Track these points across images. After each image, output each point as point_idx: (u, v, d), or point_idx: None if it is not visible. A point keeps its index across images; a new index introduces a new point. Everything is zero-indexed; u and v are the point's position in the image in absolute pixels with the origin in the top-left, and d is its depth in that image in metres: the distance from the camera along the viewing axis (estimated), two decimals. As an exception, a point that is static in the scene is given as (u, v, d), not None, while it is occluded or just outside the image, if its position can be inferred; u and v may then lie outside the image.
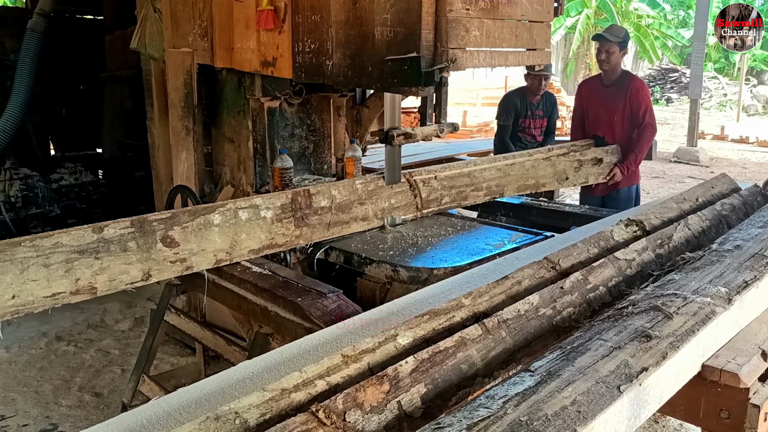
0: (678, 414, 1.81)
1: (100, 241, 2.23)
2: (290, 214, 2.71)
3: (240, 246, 2.58)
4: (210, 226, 2.48)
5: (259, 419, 1.26)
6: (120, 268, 2.27)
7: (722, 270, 2.02)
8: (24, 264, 2.07)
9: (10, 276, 2.04)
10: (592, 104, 4.36)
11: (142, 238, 2.32)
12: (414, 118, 10.65)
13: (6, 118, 5.05)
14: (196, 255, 2.45)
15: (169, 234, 2.37)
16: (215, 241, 2.50)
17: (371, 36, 2.47)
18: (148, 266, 2.34)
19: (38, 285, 2.09)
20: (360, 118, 3.89)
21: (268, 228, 2.65)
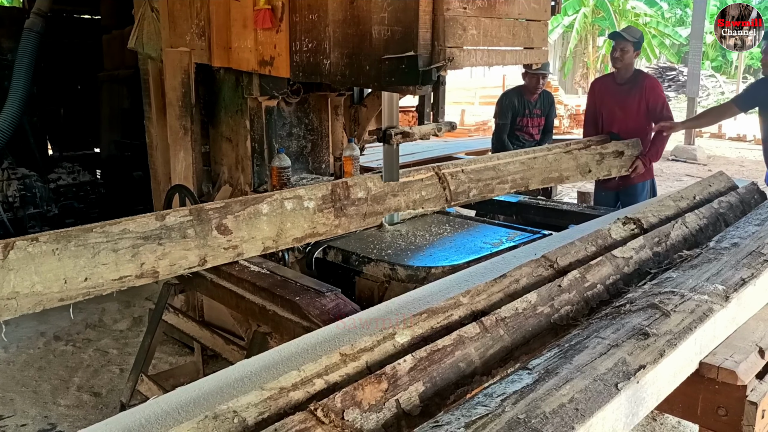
0: (676, 411, 1.81)
1: (163, 228, 2.37)
2: (330, 204, 2.86)
3: (285, 234, 2.72)
4: (259, 215, 2.62)
5: (258, 418, 1.26)
6: (180, 253, 2.40)
7: (720, 268, 2.02)
8: (95, 249, 2.20)
9: (83, 260, 2.17)
10: (605, 102, 4.42)
11: (199, 225, 2.46)
12: (412, 117, 10.65)
13: (3, 117, 5.04)
14: (247, 242, 2.59)
15: (223, 222, 2.52)
16: (263, 230, 2.63)
17: (369, 35, 2.47)
18: (204, 252, 2.48)
19: (107, 268, 2.23)
20: (358, 117, 3.89)
21: (311, 217, 2.80)
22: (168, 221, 2.39)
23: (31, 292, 2.09)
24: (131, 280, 2.29)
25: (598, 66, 26.18)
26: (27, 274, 2.07)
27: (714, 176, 3.14)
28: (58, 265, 2.13)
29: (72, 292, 2.18)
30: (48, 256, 2.12)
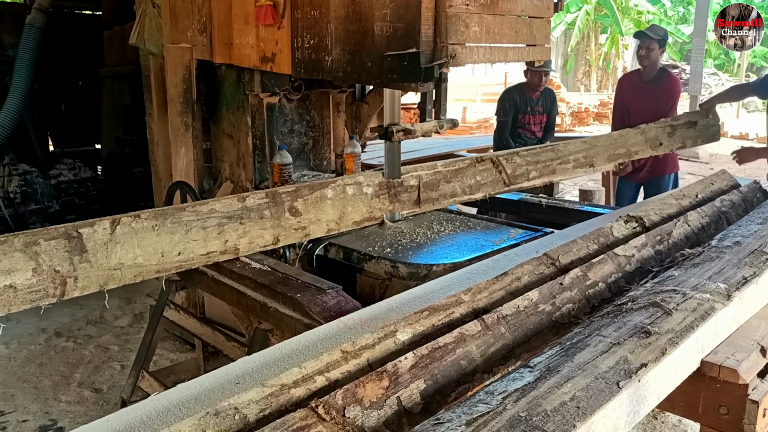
0: (677, 410, 1.81)
1: (244, 209, 2.53)
2: (385, 191, 3.01)
3: (346, 218, 2.87)
4: (324, 199, 2.78)
5: (259, 415, 1.26)
6: (257, 232, 2.57)
7: (722, 266, 2.02)
8: (188, 226, 2.39)
9: (177, 236, 2.36)
10: (631, 99, 4.60)
11: (274, 207, 2.61)
12: (413, 114, 10.64)
13: (5, 113, 5.05)
14: (314, 224, 2.74)
15: (294, 205, 2.67)
16: (328, 212, 2.79)
17: (371, 31, 2.47)
18: (278, 232, 2.64)
19: (197, 244, 2.42)
20: (359, 114, 3.89)
21: (369, 202, 2.96)
22: (248, 203, 2.55)
23: (134, 264, 2.28)
24: (216, 255, 2.48)
25: (600, 63, 26.15)
26: (131, 247, 2.26)
27: (716, 174, 3.14)
28: (156, 240, 2.31)
29: (167, 265, 2.36)
30: (148, 232, 2.30)
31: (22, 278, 2.03)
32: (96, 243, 2.19)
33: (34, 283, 2.07)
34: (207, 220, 2.45)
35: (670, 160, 4.59)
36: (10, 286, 2.01)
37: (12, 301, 2.05)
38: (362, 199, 2.91)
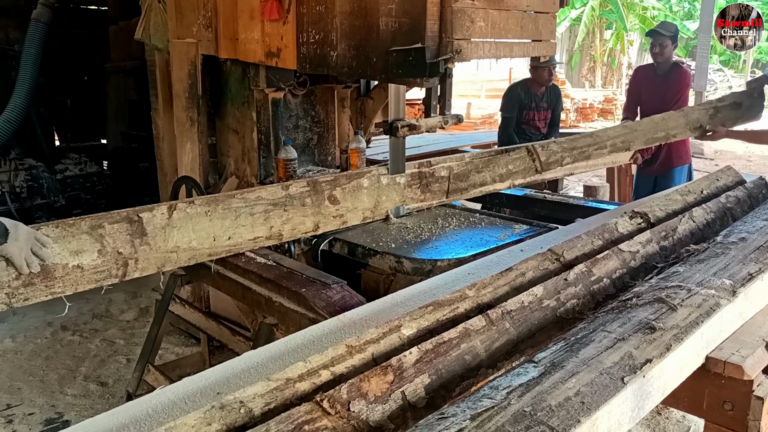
0: (681, 406, 1.81)
1: (287, 197, 2.65)
2: (417, 181, 3.12)
3: (381, 206, 3.00)
4: (361, 188, 2.90)
5: (264, 408, 1.27)
6: (300, 219, 2.70)
7: (727, 262, 2.01)
8: (237, 212, 2.51)
9: (228, 221, 2.49)
10: (644, 91, 4.81)
11: (315, 195, 2.73)
12: (418, 109, 10.64)
13: (11, 108, 5.06)
14: (351, 212, 2.86)
15: (333, 193, 2.79)
16: (364, 201, 2.92)
17: (376, 27, 2.47)
18: (318, 219, 2.76)
19: (246, 229, 2.54)
20: (364, 110, 3.89)
21: (401, 192, 3.07)
22: (291, 191, 2.67)
23: (188, 247, 2.40)
24: (262, 240, 2.60)
25: (605, 59, 26.06)
26: (186, 231, 2.38)
27: (721, 171, 3.13)
28: (209, 225, 2.44)
29: (218, 249, 2.49)
30: (201, 217, 2.42)
31: (88, 259, 2.14)
32: (155, 227, 2.30)
33: (99, 264, 2.18)
34: (254, 206, 2.56)
35: (683, 152, 4.73)
36: (78, 266, 2.12)
37: (79, 281, 2.15)
38: (396, 189, 3.04)
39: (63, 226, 2.11)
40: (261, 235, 2.59)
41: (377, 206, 2.98)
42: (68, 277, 2.10)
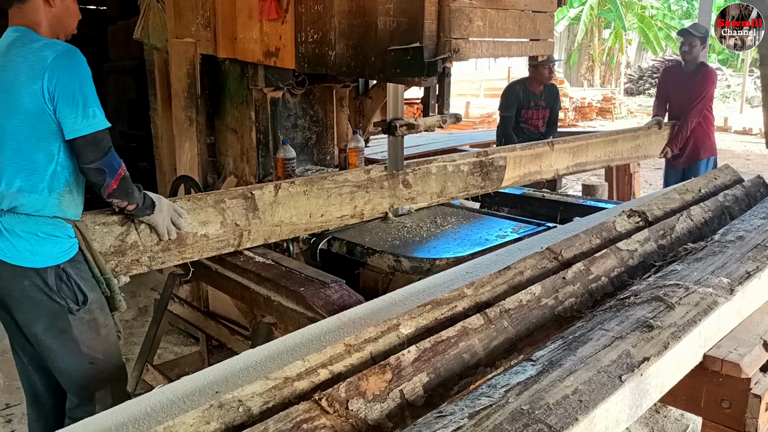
0: (679, 404, 1.82)
1: (369, 180, 2.98)
2: (478, 169, 3.47)
3: (447, 191, 3.34)
4: (429, 174, 3.24)
5: (263, 407, 1.27)
6: (378, 200, 3.03)
7: (724, 260, 2.02)
8: (329, 192, 2.83)
9: (321, 200, 2.81)
10: (671, 89, 5.12)
11: (391, 179, 3.07)
12: (417, 108, 10.63)
13: None
14: (420, 195, 3.21)
15: (406, 178, 3.13)
16: (432, 186, 3.26)
17: (374, 26, 2.47)
18: (393, 201, 3.09)
19: (335, 208, 2.87)
20: (363, 109, 3.88)
21: (464, 179, 3.41)
22: (372, 175, 2.99)
23: (289, 222, 2.71)
24: (347, 218, 2.92)
25: (603, 59, 26.06)
26: (288, 207, 2.70)
27: (719, 169, 3.13)
28: (306, 203, 2.76)
29: (312, 225, 2.80)
30: (300, 196, 2.74)
31: (213, 229, 2.45)
32: (264, 203, 2.61)
33: (221, 234, 2.48)
34: (342, 187, 2.87)
35: (708, 145, 5.05)
36: (205, 235, 2.43)
37: (204, 248, 2.45)
38: (459, 176, 3.37)
39: (193, 200, 2.44)
40: (347, 213, 2.91)
41: (443, 191, 3.32)
42: (197, 244, 2.41)
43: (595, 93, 19.21)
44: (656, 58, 25.45)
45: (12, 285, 1.96)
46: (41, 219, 1.94)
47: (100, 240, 2.15)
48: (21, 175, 1.92)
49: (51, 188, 1.95)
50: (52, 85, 1.87)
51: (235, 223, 2.51)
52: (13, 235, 1.93)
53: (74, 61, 1.93)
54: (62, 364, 2.07)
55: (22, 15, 1.98)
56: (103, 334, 2.11)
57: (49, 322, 2.00)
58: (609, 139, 4.64)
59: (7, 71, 1.90)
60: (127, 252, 2.22)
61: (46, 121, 1.90)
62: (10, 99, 1.89)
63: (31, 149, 1.91)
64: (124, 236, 2.20)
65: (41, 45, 1.91)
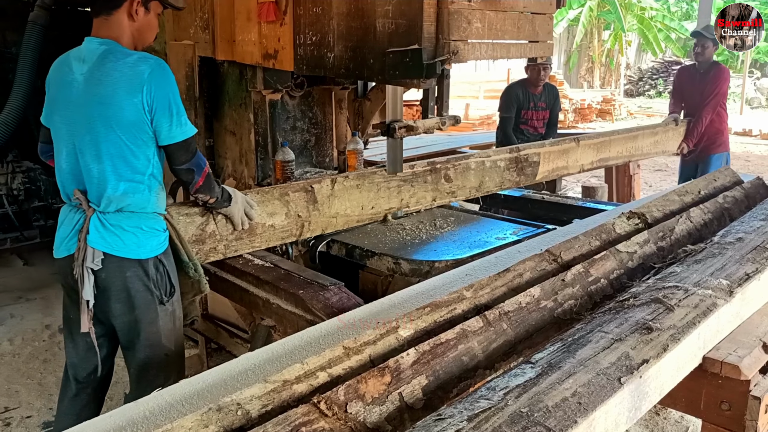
0: (679, 406, 1.81)
1: (413, 174, 3.18)
2: (514, 164, 3.68)
3: (484, 185, 3.54)
4: (469, 169, 3.43)
5: (261, 410, 1.27)
6: (422, 194, 3.24)
7: (724, 262, 2.02)
8: (378, 186, 3.04)
9: (371, 193, 3.02)
10: (686, 87, 5.36)
11: (433, 174, 3.28)
12: (416, 110, 10.63)
13: (8, 111, 5.04)
14: (460, 189, 3.41)
15: (447, 173, 3.33)
16: (471, 180, 3.46)
17: (373, 28, 2.47)
18: (435, 194, 3.30)
19: (384, 200, 3.07)
20: (362, 111, 3.88)
21: (501, 174, 3.61)
22: (416, 169, 3.18)
23: (344, 214, 2.90)
24: (393, 210, 3.13)
25: (603, 60, 26.08)
26: (343, 200, 2.90)
27: (719, 171, 3.14)
28: (359, 196, 2.96)
29: (363, 216, 3.01)
30: (354, 189, 2.93)
31: (278, 220, 2.65)
32: (323, 196, 2.81)
33: (285, 225, 2.68)
34: (390, 182, 3.08)
35: (721, 141, 5.25)
36: (272, 225, 2.63)
37: (270, 238, 2.65)
38: (496, 171, 3.57)
39: (261, 192, 2.63)
40: (393, 206, 3.12)
41: (481, 185, 3.51)
42: (265, 234, 2.61)
43: (595, 94, 19.23)
44: (656, 60, 25.49)
45: (115, 276, 2.10)
46: (143, 215, 2.12)
47: (184, 229, 2.35)
48: (124, 179, 2.07)
49: (150, 188, 2.12)
50: (150, 98, 2.02)
51: (298, 214, 2.71)
52: (119, 229, 2.08)
53: (166, 73, 2.09)
54: (142, 354, 2.19)
55: (108, 27, 2.12)
56: (177, 325, 2.27)
57: (142, 313, 2.15)
58: (630, 136, 4.82)
59: (105, 85, 2.02)
60: (206, 241, 2.44)
61: (144, 129, 2.05)
62: (111, 111, 2.02)
63: (133, 156, 2.06)
64: (204, 226, 2.42)
65: (135, 59, 2.05)
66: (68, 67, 2.14)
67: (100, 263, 2.07)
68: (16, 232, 5.58)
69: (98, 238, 2.06)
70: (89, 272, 2.07)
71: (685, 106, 5.37)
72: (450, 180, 3.32)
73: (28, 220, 5.66)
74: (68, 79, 2.11)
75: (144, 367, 2.21)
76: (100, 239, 2.06)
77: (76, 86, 2.08)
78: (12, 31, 5.71)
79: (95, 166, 2.06)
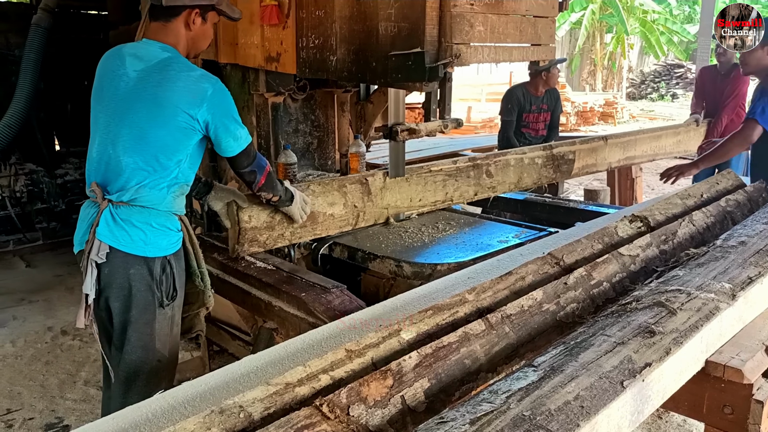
0: (681, 410, 1.81)
1: (457, 170, 3.37)
2: (551, 162, 3.88)
3: (523, 181, 3.72)
4: (508, 165, 3.62)
5: (264, 413, 1.27)
6: (464, 188, 3.42)
7: (726, 266, 2.01)
8: (425, 180, 3.25)
9: (419, 187, 3.23)
10: (707, 88, 5.48)
11: (476, 169, 3.48)
12: (418, 113, 10.63)
13: (11, 113, 5.06)
14: (500, 185, 3.61)
15: (489, 168, 3.52)
16: (510, 176, 3.63)
17: (375, 31, 2.47)
18: (477, 189, 3.49)
19: (430, 194, 3.28)
20: (364, 114, 3.89)
21: (538, 171, 3.80)
22: (459, 165, 3.38)
23: (394, 205, 3.12)
24: (438, 203, 3.33)
25: (605, 63, 26.06)
26: (394, 192, 3.11)
27: (721, 174, 3.13)
28: (408, 189, 3.17)
29: (411, 208, 3.23)
30: (403, 182, 3.13)
31: (337, 209, 2.86)
32: (376, 188, 3.01)
33: (343, 214, 2.89)
34: (436, 176, 3.28)
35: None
36: (331, 215, 2.83)
37: (330, 226, 2.85)
38: (534, 168, 3.76)
39: (323, 184, 2.84)
40: (439, 199, 3.31)
41: (520, 181, 3.70)
42: (325, 222, 2.81)
43: (597, 97, 19.20)
44: (658, 63, 25.46)
45: (118, 271, 2.10)
46: (155, 211, 2.12)
47: (257, 216, 2.57)
48: (148, 173, 2.09)
49: (170, 188, 2.14)
50: (209, 115, 2.10)
51: (354, 204, 2.91)
52: (128, 224, 2.08)
53: (225, 93, 2.16)
54: (133, 356, 2.17)
55: (165, 33, 2.17)
56: (174, 332, 2.25)
57: (139, 313, 2.13)
58: (654, 135, 5.06)
59: (165, 89, 2.08)
60: (275, 227, 2.65)
61: (189, 136, 2.11)
62: (164, 113, 2.07)
63: (166, 157, 2.10)
64: (273, 214, 2.62)
65: (199, 75, 2.12)
66: (120, 60, 2.18)
67: (105, 257, 2.07)
68: (19, 234, 5.60)
69: (106, 231, 2.08)
70: (93, 265, 2.08)
71: (706, 106, 5.49)
72: (491, 175, 3.51)
73: (31, 222, 5.67)
74: (119, 72, 2.15)
75: (134, 371, 2.17)
76: (108, 232, 2.07)
77: (125, 81, 2.12)
78: (15, 33, 5.72)
79: (125, 158, 2.09)
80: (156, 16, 2.19)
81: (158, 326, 2.17)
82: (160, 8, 2.16)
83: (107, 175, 2.13)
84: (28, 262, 5.38)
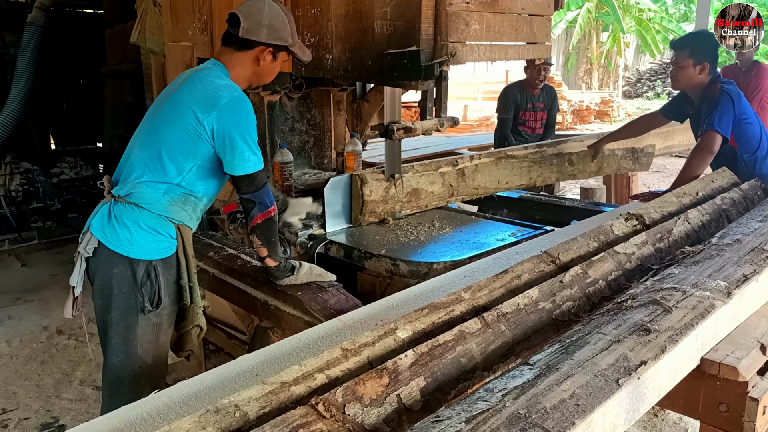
0: (677, 407, 1.81)
1: (542, 157, 3.80)
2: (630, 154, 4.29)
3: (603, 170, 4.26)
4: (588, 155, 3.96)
5: (259, 412, 1.26)
6: (547, 174, 3.83)
7: (722, 264, 2.02)
8: (512, 164, 3.62)
9: (507, 170, 3.62)
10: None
11: (559, 157, 3.88)
12: (414, 112, 10.63)
13: (6, 112, 5.05)
14: (581, 173, 4.05)
15: (571, 157, 3.93)
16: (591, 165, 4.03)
17: (371, 30, 2.47)
18: (558, 175, 3.92)
19: (516, 177, 3.67)
20: (360, 112, 3.89)
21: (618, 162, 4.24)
22: (544, 152, 3.79)
23: (483, 186, 3.51)
24: (522, 187, 3.74)
25: (601, 61, 26.10)
26: (484, 175, 3.49)
27: (717, 172, 3.13)
28: (496, 172, 3.55)
29: (498, 190, 3.63)
30: (492, 166, 3.53)
31: (437, 187, 3.28)
32: (468, 170, 3.40)
33: (440, 192, 3.30)
34: (522, 161, 3.66)
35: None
36: (431, 192, 3.26)
37: (430, 201, 3.28)
38: (614, 159, 4.18)
39: (424, 165, 3.26)
40: (523, 183, 3.69)
41: (600, 170, 4.13)
42: (426, 198, 3.24)
43: (593, 96, 19.23)
44: (654, 61, 25.51)
45: (102, 268, 2.09)
46: (146, 212, 2.08)
47: (375, 191, 2.99)
48: (149, 168, 2.09)
49: (167, 192, 2.09)
50: (215, 124, 2.06)
51: (450, 184, 3.31)
52: (119, 222, 2.07)
53: (241, 110, 2.10)
54: (115, 359, 2.15)
55: (230, 59, 2.19)
56: (161, 341, 2.20)
57: (120, 315, 2.10)
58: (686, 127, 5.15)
59: (187, 90, 2.11)
60: (388, 201, 3.06)
61: (194, 141, 2.08)
62: (177, 112, 2.08)
63: (169, 157, 2.08)
64: (388, 189, 3.04)
65: (222, 84, 2.11)
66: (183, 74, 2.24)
67: (92, 252, 2.07)
68: (14, 234, 5.59)
69: (99, 226, 2.08)
70: (81, 258, 2.09)
71: None
72: (573, 164, 3.86)
73: (26, 222, 5.66)
74: (177, 81, 2.21)
75: (115, 375, 2.14)
76: (100, 227, 2.08)
77: (173, 87, 2.18)
78: (10, 32, 5.71)
79: (137, 151, 2.13)
80: (228, 42, 2.20)
81: (140, 332, 2.12)
82: (235, 39, 2.16)
83: (121, 169, 2.16)
84: (23, 262, 5.36)
